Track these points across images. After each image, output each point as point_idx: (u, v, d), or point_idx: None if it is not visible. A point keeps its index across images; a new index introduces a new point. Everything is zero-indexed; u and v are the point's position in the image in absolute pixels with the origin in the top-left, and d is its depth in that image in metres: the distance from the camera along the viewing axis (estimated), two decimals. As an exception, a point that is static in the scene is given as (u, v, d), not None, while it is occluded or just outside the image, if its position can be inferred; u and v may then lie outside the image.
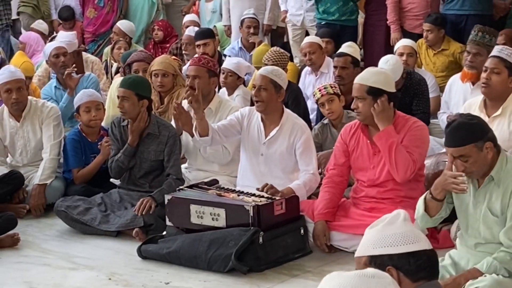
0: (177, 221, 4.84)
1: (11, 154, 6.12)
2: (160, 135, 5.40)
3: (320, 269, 4.58)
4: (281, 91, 5.15)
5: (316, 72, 7.36)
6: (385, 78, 4.71)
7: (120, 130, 5.51)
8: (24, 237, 5.20)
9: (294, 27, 8.78)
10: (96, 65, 8.30)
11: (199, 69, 5.61)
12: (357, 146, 4.81)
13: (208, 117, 5.66)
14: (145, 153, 5.41)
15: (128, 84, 5.42)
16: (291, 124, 5.15)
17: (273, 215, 4.67)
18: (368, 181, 4.79)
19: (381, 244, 2.45)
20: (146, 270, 4.63)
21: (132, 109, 5.36)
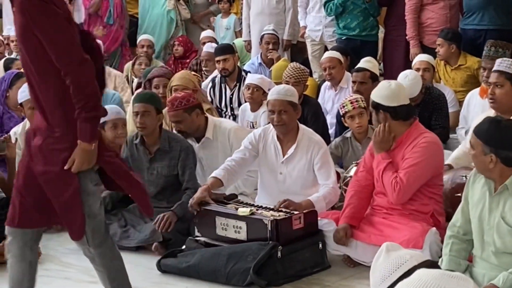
0: (204, 232, 4.90)
1: (33, 169, 6.17)
2: (172, 150, 5.42)
3: (338, 284, 4.59)
4: (298, 108, 5.21)
5: (335, 87, 7.39)
6: (386, 92, 4.71)
7: (131, 149, 5.52)
8: (45, 251, 5.23)
9: (313, 42, 8.82)
10: (119, 79, 8.38)
11: (177, 114, 5.63)
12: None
13: (209, 146, 5.72)
14: (158, 169, 5.44)
15: (148, 99, 5.47)
16: (307, 140, 5.17)
17: (291, 230, 4.69)
18: (379, 191, 4.83)
19: (376, 284, 2.48)
20: (165, 284, 4.66)
21: (153, 123, 5.41)
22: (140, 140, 5.45)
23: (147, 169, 5.46)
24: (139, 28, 10.48)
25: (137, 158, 5.49)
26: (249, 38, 9.44)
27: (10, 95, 6.68)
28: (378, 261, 2.45)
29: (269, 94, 5.33)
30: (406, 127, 4.71)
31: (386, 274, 2.40)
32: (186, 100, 5.67)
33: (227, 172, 5.10)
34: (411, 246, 4.47)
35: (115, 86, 8.27)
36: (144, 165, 5.46)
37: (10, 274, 3.95)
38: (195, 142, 5.77)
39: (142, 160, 5.46)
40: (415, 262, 2.42)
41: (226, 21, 10.55)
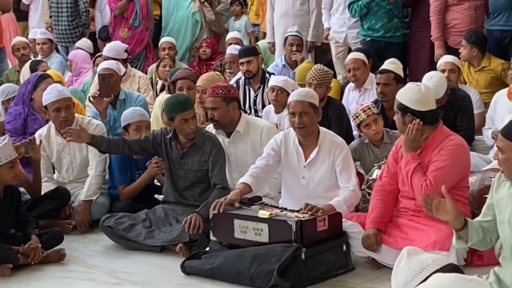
0: (221, 235, 4.88)
1: (58, 171, 6.22)
2: (204, 145, 5.43)
3: (362, 286, 4.57)
4: (318, 111, 5.19)
5: (359, 88, 7.37)
6: (415, 96, 4.67)
7: (164, 140, 5.51)
8: (70, 253, 5.26)
9: (337, 44, 8.80)
10: (143, 80, 8.41)
11: (215, 100, 5.65)
12: (401, 157, 4.81)
13: (239, 140, 5.71)
14: (189, 163, 5.44)
15: (190, 104, 5.49)
16: (328, 143, 5.15)
17: (315, 231, 4.67)
18: (404, 193, 4.80)
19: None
20: (189, 285, 4.66)
21: (196, 125, 5.48)
22: (172, 134, 5.46)
23: (178, 164, 5.46)
24: (163, 30, 10.50)
25: (169, 152, 5.49)
26: (273, 39, 9.44)
27: (34, 97, 6.72)
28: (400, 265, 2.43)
29: (290, 96, 5.32)
30: (432, 130, 4.69)
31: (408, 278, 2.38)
32: (227, 90, 5.73)
33: (254, 178, 5.09)
34: (438, 249, 4.44)
35: (139, 87, 8.29)
36: (175, 159, 5.46)
37: None
38: (225, 137, 5.78)
39: (174, 154, 5.46)
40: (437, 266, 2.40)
41: (238, 23, 10.61)
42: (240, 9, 10.79)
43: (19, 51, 9.78)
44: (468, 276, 2.18)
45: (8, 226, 5.19)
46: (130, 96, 7.23)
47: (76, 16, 10.56)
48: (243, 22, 10.68)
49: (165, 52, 9.38)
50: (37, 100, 6.67)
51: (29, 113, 6.71)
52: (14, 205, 5.20)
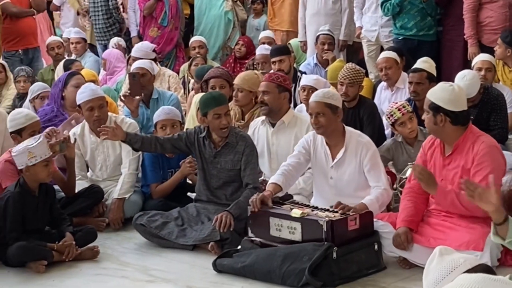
0: (257, 233, 4.91)
1: (91, 169, 6.28)
2: (238, 145, 5.45)
3: (394, 285, 4.56)
4: (338, 111, 5.14)
5: (392, 87, 7.34)
6: (449, 96, 4.63)
7: (197, 138, 5.54)
8: (103, 250, 5.32)
9: (369, 42, 8.78)
10: (173, 79, 8.46)
11: (269, 85, 5.78)
12: (431, 157, 4.80)
13: (283, 131, 5.75)
14: (222, 162, 5.46)
15: (224, 100, 5.54)
16: (355, 143, 5.14)
17: (347, 230, 4.68)
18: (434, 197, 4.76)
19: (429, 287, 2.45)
20: (221, 283, 4.69)
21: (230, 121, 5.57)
22: (206, 133, 5.49)
23: (211, 163, 5.48)
24: (195, 29, 10.54)
25: (203, 150, 5.52)
26: (304, 38, 9.44)
27: (65, 95, 6.78)
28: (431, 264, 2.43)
29: (310, 98, 5.32)
30: (463, 131, 4.66)
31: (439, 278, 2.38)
32: (283, 79, 5.89)
33: (285, 177, 5.11)
34: (472, 249, 4.42)
35: (169, 86, 8.34)
36: (208, 158, 5.49)
37: None
38: (270, 127, 5.80)
39: (207, 153, 5.49)
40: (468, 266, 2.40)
41: (257, 21, 10.62)
42: (261, 7, 10.83)
43: (53, 50, 9.87)
44: (494, 276, 2.17)
45: (43, 223, 5.26)
46: (163, 95, 7.29)
47: (111, 14, 10.66)
48: (262, 21, 10.71)
49: (195, 51, 9.42)
50: (68, 98, 6.74)
51: (58, 113, 6.74)
52: (49, 203, 5.27)
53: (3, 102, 8.62)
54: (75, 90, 6.65)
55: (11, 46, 9.91)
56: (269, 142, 5.82)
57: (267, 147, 5.84)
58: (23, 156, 5.08)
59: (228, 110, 5.49)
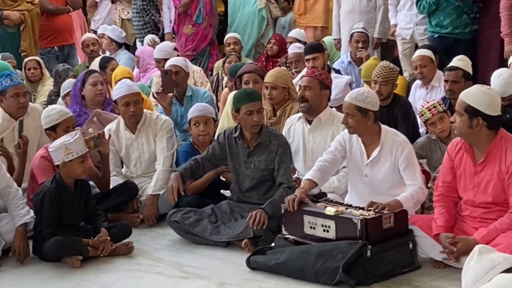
0: (291, 230, 4.92)
1: (126, 165, 6.32)
2: (271, 144, 5.45)
3: (428, 285, 4.53)
4: (368, 114, 5.08)
5: (426, 85, 7.30)
6: (488, 100, 4.56)
7: (229, 141, 5.55)
8: (137, 246, 5.35)
9: (403, 40, 8.72)
10: (198, 74, 8.49)
11: (312, 80, 5.76)
12: (460, 163, 4.73)
13: (319, 128, 5.75)
14: (256, 162, 5.46)
15: (258, 96, 5.56)
16: (390, 142, 5.11)
17: (381, 229, 4.66)
18: (468, 202, 4.71)
19: (468, 286, 2.44)
20: (254, 280, 4.70)
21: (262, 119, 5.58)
22: (239, 133, 5.49)
23: (244, 163, 5.49)
24: (229, 27, 10.55)
25: (235, 151, 5.52)
26: (339, 36, 9.41)
27: (84, 94, 6.84)
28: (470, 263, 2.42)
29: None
30: (494, 135, 4.59)
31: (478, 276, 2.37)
32: (326, 77, 5.88)
33: (320, 173, 5.11)
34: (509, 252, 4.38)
35: (194, 81, 8.36)
36: (241, 158, 5.50)
37: None
38: (306, 124, 5.81)
39: (240, 153, 5.50)
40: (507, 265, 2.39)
41: (283, 19, 10.61)
42: (287, 5, 10.82)
43: (88, 47, 9.95)
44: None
45: (78, 218, 5.30)
46: (197, 93, 7.31)
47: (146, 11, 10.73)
48: (288, 19, 10.69)
49: (230, 47, 9.44)
50: (87, 96, 6.82)
51: (81, 112, 6.79)
52: (84, 199, 5.32)
53: (38, 98, 8.71)
54: (93, 88, 6.77)
55: (47, 43, 10.02)
56: (305, 139, 5.82)
57: (302, 144, 5.84)
58: (60, 152, 5.13)
59: (260, 107, 5.48)
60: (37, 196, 5.19)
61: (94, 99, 6.76)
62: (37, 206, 5.18)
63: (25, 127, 6.00)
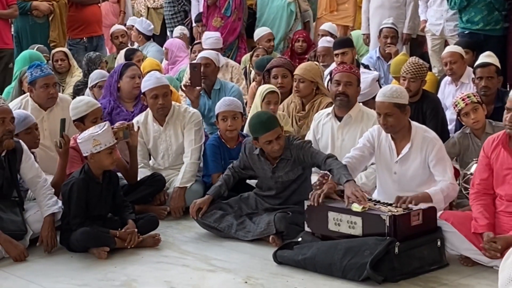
0: (315, 227, 4.89)
1: (154, 157, 6.33)
2: (292, 155, 5.31)
3: (456, 283, 4.50)
4: (406, 108, 5.07)
5: (456, 82, 7.24)
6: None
7: (251, 156, 5.44)
8: (164, 238, 5.36)
9: (433, 36, 8.67)
10: (236, 70, 8.47)
11: (352, 77, 5.78)
12: (496, 159, 4.70)
13: (348, 124, 5.74)
14: (283, 176, 5.35)
15: (273, 122, 5.35)
16: (421, 138, 5.08)
17: (409, 226, 4.63)
18: (506, 196, 4.67)
19: (504, 283, 2.41)
20: (281, 275, 4.69)
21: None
22: (260, 151, 5.37)
23: (271, 178, 5.39)
24: (258, 20, 10.52)
25: (259, 166, 5.43)
26: (368, 31, 9.37)
27: (121, 86, 6.78)
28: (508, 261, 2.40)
29: (377, 96, 5.22)
30: None
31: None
32: (359, 73, 5.96)
33: (348, 169, 5.07)
34: None
35: (231, 77, 8.35)
36: (267, 174, 5.40)
37: None
38: (336, 121, 5.80)
39: (265, 169, 5.41)
40: None
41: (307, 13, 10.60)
42: None
43: (117, 39, 9.99)
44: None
45: (106, 210, 5.32)
46: (225, 86, 7.31)
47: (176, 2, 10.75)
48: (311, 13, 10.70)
49: (269, 43, 9.35)
50: (123, 89, 6.76)
51: (114, 105, 6.75)
52: (112, 190, 5.33)
53: (67, 89, 8.75)
54: (131, 81, 6.72)
55: (76, 34, 10.08)
56: (334, 136, 5.78)
57: (331, 141, 5.80)
58: (88, 143, 5.14)
59: (279, 133, 5.25)
60: (66, 186, 5.21)
61: (131, 92, 6.72)
62: (65, 196, 5.20)
63: (54, 118, 6.03)
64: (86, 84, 7.92)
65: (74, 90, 8.36)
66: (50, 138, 6.09)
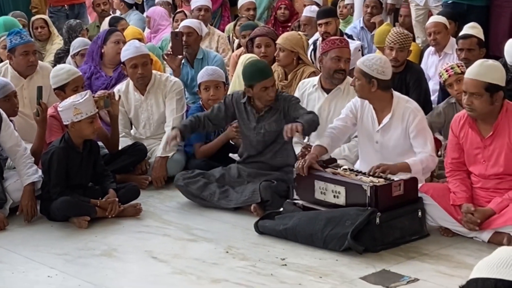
0: (302, 195, 4.91)
1: (135, 127, 6.29)
2: (279, 106, 5.34)
3: (437, 253, 4.52)
4: (372, 81, 5.00)
5: (439, 52, 7.23)
6: (501, 73, 4.58)
7: (237, 105, 5.45)
8: (145, 208, 5.34)
9: (417, 7, 8.62)
10: (222, 39, 8.41)
11: (350, 52, 5.80)
12: (466, 139, 4.71)
13: (337, 97, 5.73)
14: (266, 126, 5.37)
15: (270, 70, 5.46)
16: (402, 109, 5.06)
17: (390, 196, 4.64)
18: (479, 175, 4.69)
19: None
20: (262, 245, 4.69)
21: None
22: (247, 100, 5.42)
23: (254, 129, 5.41)
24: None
25: (244, 116, 5.46)
26: (352, 1, 9.31)
27: (105, 51, 6.75)
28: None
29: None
30: (499, 109, 4.58)
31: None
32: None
33: (331, 140, 5.10)
34: None
35: (217, 46, 8.29)
36: (251, 124, 5.43)
37: None
38: (323, 93, 5.78)
39: (250, 118, 5.43)
40: None
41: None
42: None
43: (99, 7, 9.87)
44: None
45: (86, 179, 5.29)
46: (208, 56, 7.24)
47: None
48: None
49: (250, 12, 9.29)
50: (107, 54, 6.74)
51: (94, 70, 6.71)
52: (93, 159, 5.30)
53: (47, 57, 8.65)
54: (115, 47, 6.68)
55: (57, 1, 9.94)
56: (320, 108, 5.73)
57: (317, 113, 5.75)
58: (69, 112, 5.10)
59: (274, 81, 5.38)
60: (46, 155, 5.18)
61: (114, 57, 6.65)
62: (45, 165, 5.17)
63: (34, 86, 5.96)
64: (67, 52, 7.83)
65: (55, 58, 8.26)
66: (30, 106, 6.02)
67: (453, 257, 4.45)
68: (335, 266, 4.34)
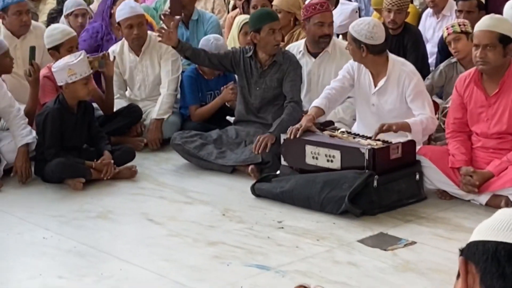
0: (292, 161, 4.85)
1: (130, 88, 6.23)
2: (283, 63, 5.35)
3: (434, 216, 4.51)
4: (361, 47, 4.93)
5: (438, 14, 7.15)
6: (511, 26, 4.55)
7: (244, 59, 5.45)
8: (141, 170, 5.31)
9: (415, -33, 8.53)
10: (218, 1, 8.31)
11: (332, 16, 5.72)
12: (470, 97, 4.67)
13: (325, 60, 5.66)
14: (268, 81, 5.37)
15: (277, 14, 5.56)
16: (398, 72, 5.00)
17: (388, 159, 4.61)
18: (481, 134, 4.66)
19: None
20: (259, 208, 4.66)
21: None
22: (253, 53, 5.39)
23: (255, 83, 5.40)
24: None
25: (248, 70, 5.43)
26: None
27: (114, 12, 6.65)
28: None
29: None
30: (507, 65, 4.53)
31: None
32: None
33: (328, 100, 5.05)
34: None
35: (213, 7, 8.20)
36: (254, 78, 5.41)
37: None
38: (311, 58, 5.72)
39: (253, 73, 5.41)
40: None
41: None
42: None
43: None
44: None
45: (81, 141, 5.24)
46: (203, 17, 7.14)
47: None
48: None
49: None
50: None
51: (105, 31, 6.62)
52: (87, 120, 5.25)
53: (41, 17, 8.55)
54: None
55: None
56: (310, 73, 5.68)
57: (307, 78, 5.70)
58: (63, 72, 5.03)
59: (281, 26, 5.40)
60: (40, 116, 5.12)
61: None
62: (39, 126, 5.12)
63: (27, 46, 5.88)
64: (60, 12, 7.72)
65: (48, 18, 8.15)
66: (24, 66, 5.94)
67: (450, 220, 4.44)
68: (332, 229, 4.32)
